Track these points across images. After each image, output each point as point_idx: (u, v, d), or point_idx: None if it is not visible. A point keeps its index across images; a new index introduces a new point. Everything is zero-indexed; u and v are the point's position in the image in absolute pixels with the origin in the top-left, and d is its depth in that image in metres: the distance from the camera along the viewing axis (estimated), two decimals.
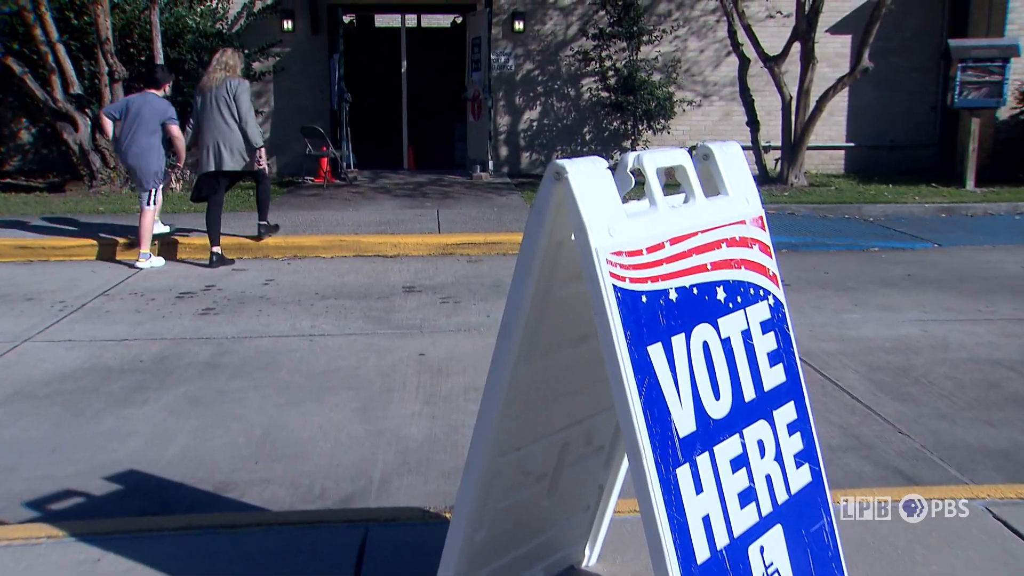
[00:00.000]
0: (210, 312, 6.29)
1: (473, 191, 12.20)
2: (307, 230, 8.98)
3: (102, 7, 11.00)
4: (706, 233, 1.95)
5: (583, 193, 1.75)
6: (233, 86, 7.74)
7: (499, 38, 14.23)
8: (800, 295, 6.76)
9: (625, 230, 1.78)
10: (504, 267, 7.86)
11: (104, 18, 11.06)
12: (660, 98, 13.55)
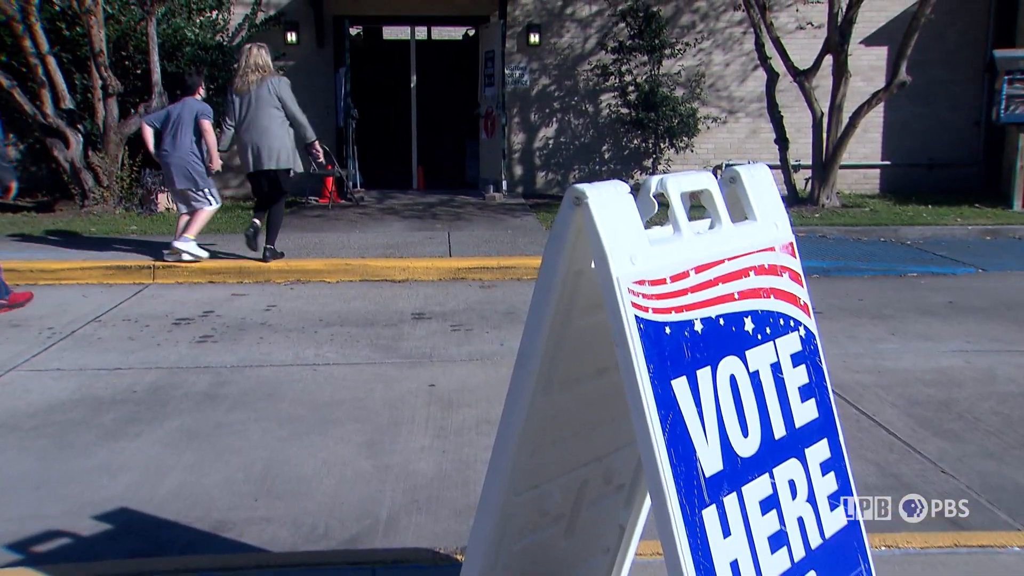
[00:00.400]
0: (208, 339, 6.33)
1: (486, 212, 12.26)
2: (311, 253, 9.04)
3: (96, 18, 11.14)
4: (733, 261, 1.97)
5: (604, 219, 1.77)
6: (275, 85, 8.25)
7: (514, 52, 14.34)
8: (833, 323, 6.75)
9: (648, 258, 1.80)
10: (519, 293, 7.88)
11: (98, 29, 11.20)
12: (683, 115, 13.61)
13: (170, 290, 8.04)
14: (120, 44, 12.62)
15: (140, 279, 8.29)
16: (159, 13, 12.10)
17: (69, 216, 11.39)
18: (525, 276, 8.53)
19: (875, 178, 14.94)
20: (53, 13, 12.36)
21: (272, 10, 13.98)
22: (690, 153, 14.26)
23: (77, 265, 8.39)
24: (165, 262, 8.46)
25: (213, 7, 13.45)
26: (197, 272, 8.39)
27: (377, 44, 17.66)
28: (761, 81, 13.40)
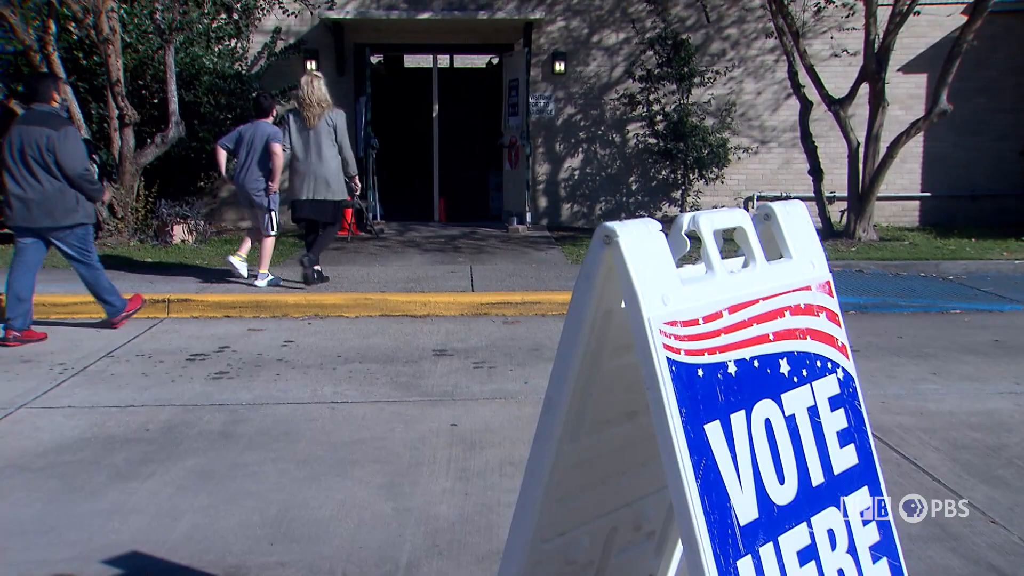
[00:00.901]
0: (223, 376, 6.38)
1: (509, 246, 12.30)
2: (329, 287, 9.10)
3: (113, 47, 11.35)
4: (768, 300, 1.97)
5: (634, 258, 1.79)
6: (333, 117, 9.00)
7: (538, 80, 14.46)
8: (871, 362, 6.71)
9: (680, 298, 1.82)
10: (544, 329, 7.89)
11: (115, 58, 11.40)
12: (713, 145, 13.65)
13: (185, 325, 8.11)
14: (137, 73, 12.84)
15: (154, 313, 8.36)
16: (177, 42, 12.31)
17: None
18: (550, 311, 8.54)
19: (914, 210, 14.89)
20: (71, 42, 12.61)
21: (292, 38, 14.18)
22: (720, 184, 14.28)
23: (90, 299, 8.44)
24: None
25: (232, 36, 13.67)
26: (212, 306, 8.46)
27: (398, 72, 17.86)
28: (794, 110, 13.42)
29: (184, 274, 9.73)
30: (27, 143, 7.09)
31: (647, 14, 14.21)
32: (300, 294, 8.70)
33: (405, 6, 14.26)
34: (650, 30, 14.12)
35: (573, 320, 1.98)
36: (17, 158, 7.13)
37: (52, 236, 7.34)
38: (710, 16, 14.27)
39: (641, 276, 1.79)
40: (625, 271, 1.79)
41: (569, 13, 14.46)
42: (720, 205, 14.53)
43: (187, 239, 11.99)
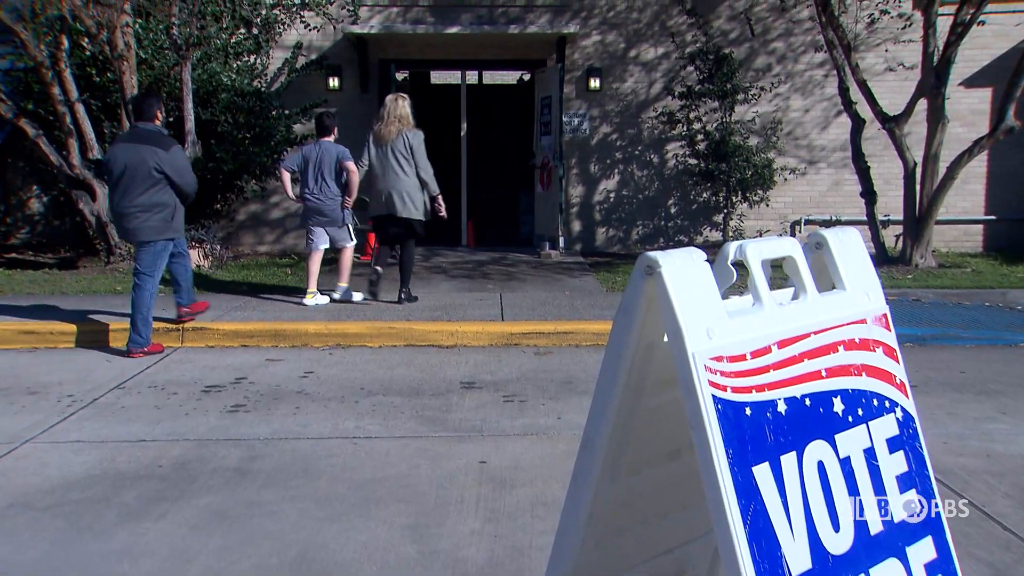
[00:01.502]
0: (240, 409, 6.42)
1: (541, 272, 12.32)
2: (352, 315, 9.15)
3: (128, 63, 11.53)
4: (820, 335, 1.97)
5: (678, 290, 1.80)
6: (409, 138, 9.50)
7: (572, 97, 14.53)
8: (931, 399, 6.64)
9: (726, 332, 1.82)
10: (578, 361, 7.89)
11: (130, 75, 11.59)
12: (757, 165, 13.63)
13: (199, 354, 8.18)
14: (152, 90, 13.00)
15: (168, 342, 8.44)
16: (194, 58, 12.48)
17: (93, 273, 11.69)
18: (584, 342, 8.53)
19: (977, 235, 14.76)
20: (83, 58, 12.82)
21: (314, 54, 14.36)
22: (765, 208, 14.25)
23: (101, 327, 8.58)
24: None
25: (251, 51, 13.85)
26: (228, 335, 8.53)
27: (424, 89, 17.99)
28: (845, 128, 13.39)
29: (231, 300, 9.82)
30: (132, 161, 7.84)
31: (687, 27, 14.26)
32: (320, 322, 8.75)
33: (432, 20, 14.40)
34: (691, 44, 14.16)
35: (613, 354, 1.98)
36: (119, 174, 7.88)
37: (138, 247, 8.08)
38: (755, 29, 14.30)
39: (685, 308, 1.79)
40: (668, 303, 1.80)
41: (605, 27, 14.54)
42: (765, 230, 14.49)
43: (202, 264, 12.10)
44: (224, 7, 13.27)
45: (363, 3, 14.19)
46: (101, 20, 11.31)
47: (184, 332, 8.52)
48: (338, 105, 14.43)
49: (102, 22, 11.33)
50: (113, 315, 8.98)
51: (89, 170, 12.10)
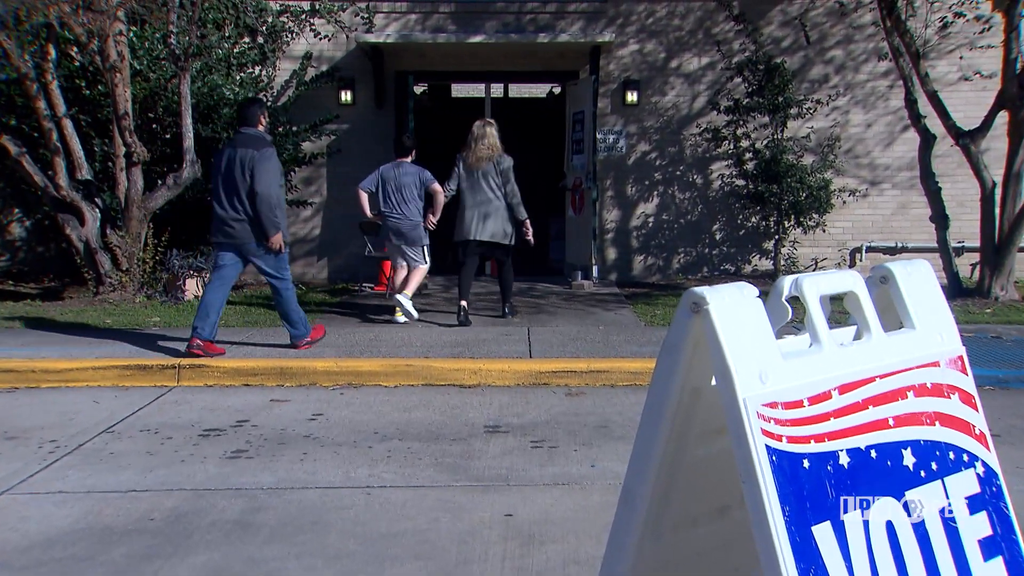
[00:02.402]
0: (242, 455, 6.43)
1: (573, 304, 12.32)
2: (365, 351, 9.17)
3: (121, 75, 11.64)
4: (886, 379, 1.96)
5: (727, 329, 1.79)
6: (500, 161, 10.56)
7: (607, 112, 14.58)
8: (1016, 450, 6.55)
9: (781, 375, 1.81)
10: (613, 402, 7.86)
11: (123, 88, 11.69)
12: (813, 187, 13.60)
13: (197, 394, 8.21)
14: (148, 104, 13.16)
15: (163, 381, 8.49)
16: (194, 69, 12.59)
17: (80, 305, 11.76)
18: (620, 382, 8.50)
19: None
20: (72, 69, 12.98)
21: (324, 65, 14.50)
22: (821, 233, 14.20)
23: (88, 364, 8.62)
24: (203, 362, 8.79)
25: (256, 62, 14.00)
26: (229, 373, 8.56)
27: (445, 103, 18.13)
28: (912, 145, 13.33)
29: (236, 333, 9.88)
30: (233, 164, 8.69)
31: (735, 34, 14.29)
32: (331, 359, 8.77)
33: (454, 28, 14.51)
34: (738, 53, 14.18)
35: (655, 399, 1.98)
36: (223, 178, 8.74)
37: (250, 254, 8.89)
38: (810, 36, 14.30)
39: (735, 349, 1.79)
40: (716, 343, 1.80)
41: (643, 35, 14.60)
42: (821, 258, 14.43)
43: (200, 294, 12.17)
44: (227, 14, 13.42)
45: (379, 10, 14.32)
46: (92, 28, 11.39)
47: (180, 370, 8.56)
48: (351, 121, 14.56)
49: (93, 30, 11.42)
50: (102, 351, 9.04)
51: (77, 192, 12.17)
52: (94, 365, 8.60)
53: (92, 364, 8.61)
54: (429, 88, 18.37)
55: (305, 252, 14.84)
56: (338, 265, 14.79)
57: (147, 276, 12.31)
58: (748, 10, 14.07)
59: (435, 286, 13.81)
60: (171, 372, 8.56)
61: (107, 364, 8.59)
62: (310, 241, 14.93)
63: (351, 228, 13.89)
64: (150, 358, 8.74)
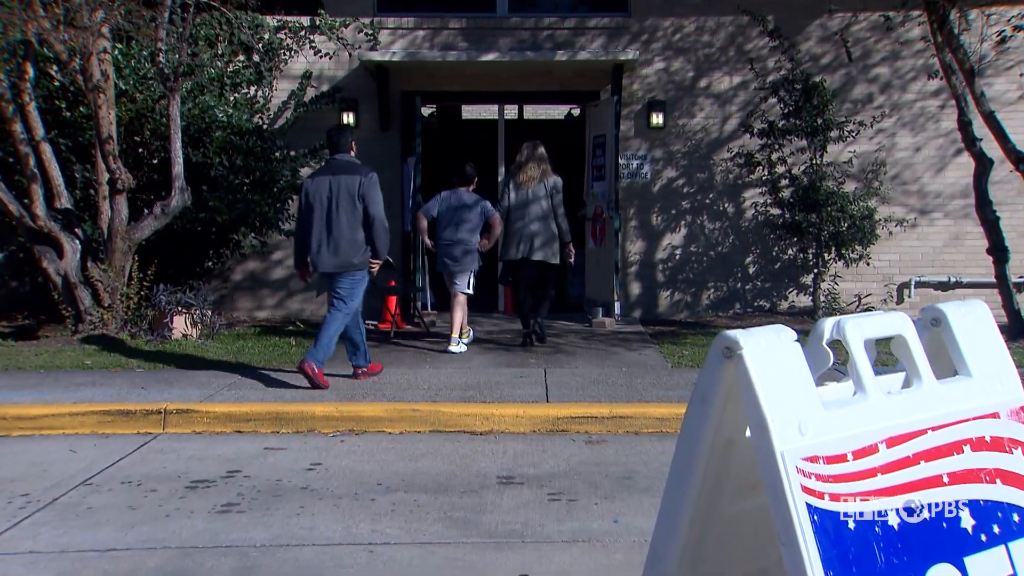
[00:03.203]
0: (232, 509, 6.42)
1: (593, 343, 12.30)
2: (368, 395, 9.17)
3: (105, 96, 11.64)
4: (939, 432, 1.94)
5: (763, 375, 1.78)
6: (550, 183, 11.61)
7: (631, 136, 14.61)
8: None
9: (822, 426, 1.80)
10: (637, 451, 7.83)
11: (107, 109, 11.69)
12: (855, 216, 13.57)
13: (185, 442, 8.20)
14: (133, 127, 13.21)
15: (147, 427, 8.48)
16: (184, 89, 12.65)
17: (58, 344, 11.74)
18: (645, 429, 8.47)
19: None
20: (51, 89, 13.02)
21: (325, 85, 14.59)
22: (865, 267, 14.15)
23: (65, 410, 8.60)
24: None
25: (251, 82, 14.07)
26: (220, 419, 8.55)
27: (455, 126, 18.21)
28: (966, 170, 13.32)
29: (185, 378, 9.88)
30: (338, 190, 9.43)
31: (769, 51, 14.31)
32: (330, 403, 8.77)
33: (465, 45, 14.60)
34: (773, 71, 14.20)
35: (685, 450, 1.97)
36: (328, 204, 9.43)
37: (333, 278, 9.58)
38: (852, 52, 14.31)
39: (772, 398, 1.78)
40: (751, 392, 1.79)
41: (670, 52, 14.66)
42: (865, 294, 14.39)
43: (190, 333, 12.19)
44: (220, 30, 13.52)
45: (384, 26, 14.41)
46: (74, 45, 11.43)
47: (167, 415, 8.56)
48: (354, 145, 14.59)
49: (75, 47, 11.46)
50: (80, 395, 9.05)
51: (56, 222, 12.15)
52: (71, 411, 8.59)
53: (69, 410, 8.60)
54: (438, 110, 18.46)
55: (303, 286, 14.86)
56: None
57: (131, 313, 12.30)
58: (784, 25, 14.08)
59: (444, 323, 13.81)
60: (156, 418, 8.55)
61: (86, 410, 8.58)
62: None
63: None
64: (133, 402, 8.73)
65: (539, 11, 15.06)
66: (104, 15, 11.45)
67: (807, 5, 14.23)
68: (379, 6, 14.64)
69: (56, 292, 12.40)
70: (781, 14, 14.12)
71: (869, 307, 14.25)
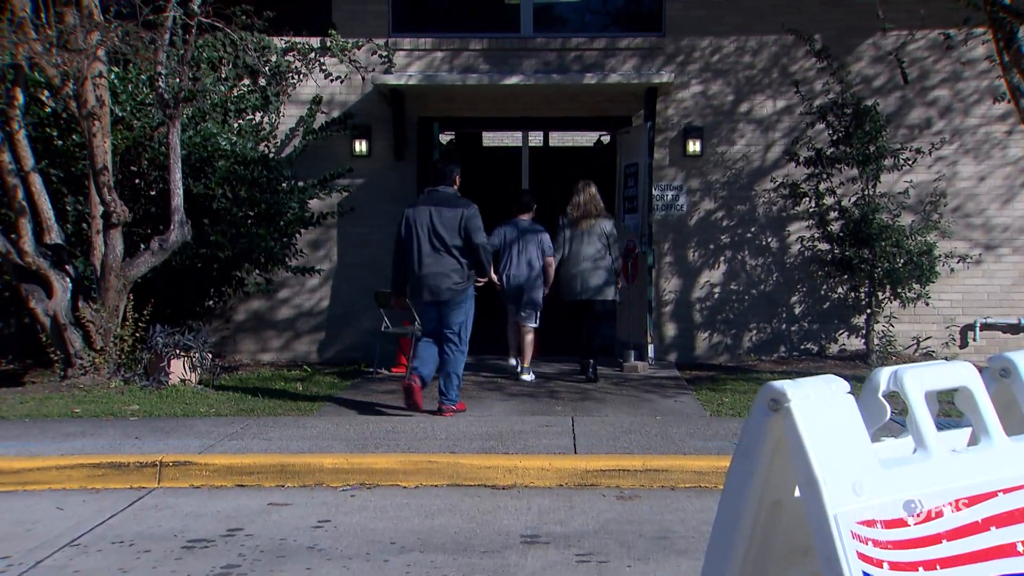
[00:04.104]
0: (233, 571, 6.40)
1: (625, 389, 12.28)
2: (380, 445, 9.15)
3: (100, 123, 11.72)
4: (1012, 494, 1.91)
5: (813, 430, 1.76)
6: (608, 227, 12.63)
7: (665, 164, 14.64)
8: None
9: (880, 487, 1.78)
10: (673, 508, 7.78)
11: (102, 138, 11.77)
12: (913, 251, 13.53)
13: (182, 497, 8.20)
14: (130, 157, 13.28)
15: (141, 482, 8.47)
16: (185, 116, 12.72)
17: (45, 391, 11.73)
18: (682, 483, 8.43)
19: None
20: (42, 116, 13.11)
21: (336, 111, 14.70)
22: (924, 307, 14.09)
23: (52, 463, 8.60)
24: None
25: (257, 107, 14.16)
26: (220, 472, 8.54)
27: (476, 153, 18.29)
28: None
29: (183, 427, 9.88)
30: (439, 222, 10.34)
31: (817, 73, 14.34)
32: (340, 455, 8.75)
33: (486, 68, 14.67)
34: (821, 95, 14.23)
35: (728, 512, 1.95)
36: (428, 236, 10.35)
37: (445, 306, 10.43)
38: (908, 74, 14.26)
39: (823, 455, 1.77)
40: (800, 448, 1.77)
41: (708, 74, 14.70)
42: (924, 336, 14.33)
43: (188, 378, 12.20)
44: (224, 52, 13.60)
45: (399, 47, 14.52)
46: (67, 69, 11.48)
47: (163, 468, 8.55)
48: (366, 175, 14.68)
49: (68, 72, 11.51)
50: (69, 446, 9.05)
51: (45, 258, 12.14)
52: (59, 464, 8.58)
53: (56, 462, 8.60)
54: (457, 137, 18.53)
55: (311, 327, 14.92)
56: (350, 343, 14.84)
57: (125, 356, 12.31)
58: (832, 44, 14.10)
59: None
60: (151, 471, 8.54)
61: (74, 462, 8.57)
62: (317, 315, 15.01)
63: (365, 299, 13.95)
64: (126, 454, 8.73)
65: (566, 31, 15.15)
66: (100, 37, 11.57)
67: (857, 23, 14.23)
68: (395, 26, 14.76)
69: (44, 334, 12.40)
70: (829, 33, 14.17)
71: (929, 351, 14.18)
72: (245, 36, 12.74)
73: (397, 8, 14.91)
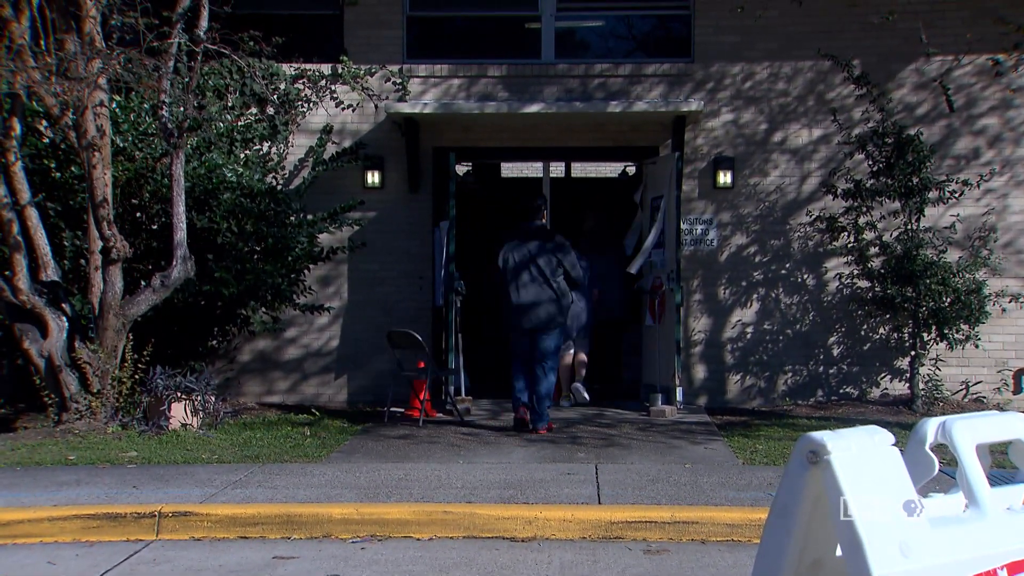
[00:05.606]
0: None
1: (652, 435, 12.24)
2: (392, 494, 9.12)
3: (100, 154, 11.73)
4: None
5: (855, 485, 1.73)
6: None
7: (694, 197, 14.64)
8: None
9: (929, 548, 1.74)
10: (704, 563, 7.74)
11: (102, 169, 11.80)
12: (960, 289, 13.45)
13: (181, 551, 8.17)
14: (131, 189, 13.32)
15: (138, 534, 8.45)
16: (190, 146, 12.75)
17: (37, 437, 11.70)
18: (713, 536, 8.38)
19: None
20: (40, 147, 13.16)
21: (348, 140, 14.74)
22: (973, 349, 13.99)
23: (44, 514, 8.58)
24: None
25: (264, 137, 14.25)
26: (223, 523, 8.52)
27: (494, 186, 18.31)
28: None
29: (183, 474, 9.87)
30: (536, 255, 12.01)
31: (855, 100, 14.32)
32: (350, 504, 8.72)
33: (505, 95, 14.71)
34: (860, 123, 14.20)
35: (764, 571, 1.91)
36: (527, 268, 11.97)
37: (540, 332, 12.12)
38: (954, 101, 14.24)
39: (866, 513, 1.74)
40: (841, 504, 1.73)
41: (739, 102, 14.71)
42: (974, 380, 14.25)
43: (190, 422, 12.18)
44: (231, 80, 13.69)
45: (414, 74, 14.59)
46: (67, 98, 11.51)
47: (161, 519, 8.52)
48: (378, 207, 14.70)
49: (68, 101, 11.54)
50: (59, 496, 9.02)
51: (41, 296, 12.12)
52: (51, 515, 8.56)
53: (49, 514, 8.58)
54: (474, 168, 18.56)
55: (320, 368, 14.91)
56: (361, 385, 14.83)
57: (123, 399, 12.28)
58: (872, 70, 14.07)
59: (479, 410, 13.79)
60: (149, 522, 8.53)
61: (68, 513, 8.56)
62: (326, 355, 15.00)
63: (377, 339, 13.95)
64: (123, 504, 8.72)
65: (589, 56, 15.21)
66: (102, 64, 11.63)
67: (899, 48, 14.25)
68: (409, 52, 14.83)
69: (38, 376, 12.38)
70: (869, 58, 14.17)
71: (979, 397, 14.10)
72: (253, 63, 12.83)
73: (412, 33, 14.97)
